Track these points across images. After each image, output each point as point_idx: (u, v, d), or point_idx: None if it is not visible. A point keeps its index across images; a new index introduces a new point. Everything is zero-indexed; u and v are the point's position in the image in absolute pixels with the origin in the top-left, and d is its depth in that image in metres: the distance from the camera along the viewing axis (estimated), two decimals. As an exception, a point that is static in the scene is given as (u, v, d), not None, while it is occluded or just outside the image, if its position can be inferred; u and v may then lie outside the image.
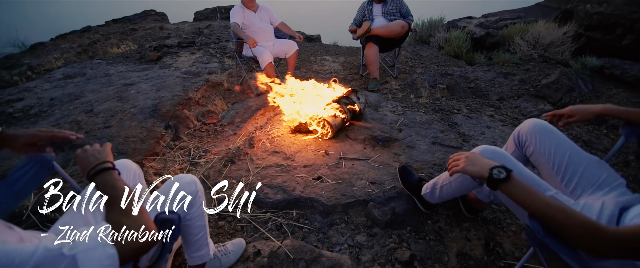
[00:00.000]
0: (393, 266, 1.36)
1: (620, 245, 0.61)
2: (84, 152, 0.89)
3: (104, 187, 0.79)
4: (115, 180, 0.81)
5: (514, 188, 0.81)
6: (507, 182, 0.82)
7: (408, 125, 2.38)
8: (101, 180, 0.81)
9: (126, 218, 0.72)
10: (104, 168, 0.84)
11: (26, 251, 0.62)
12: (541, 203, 0.73)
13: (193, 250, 1.24)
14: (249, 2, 3.38)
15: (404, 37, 3.73)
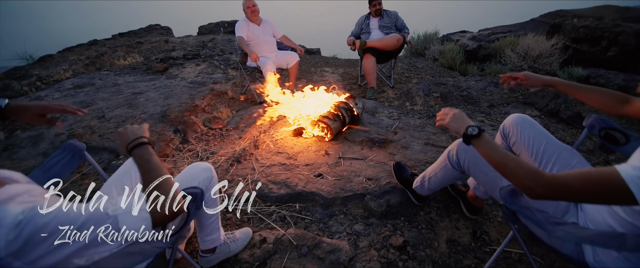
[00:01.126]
0: (388, 251, 1.49)
1: (551, 188, 0.76)
2: (125, 129, 1.01)
3: (139, 159, 0.92)
4: (150, 154, 0.94)
5: (482, 144, 0.95)
6: (478, 138, 0.96)
7: (403, 128, 2.54)
8: (138, 153, 0.94)
9: (158, 188, 0.85)
10: (141, 142, 0.95)
11: (79, 207, 0.75)
12: (501, 155, 0.87)
13: (206, 233, 1.37)
14: (253, 16, 3.59)
15: (400, 49, 3.94)
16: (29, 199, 0.77)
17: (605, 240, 0.75)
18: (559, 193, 0.75)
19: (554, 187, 0.75)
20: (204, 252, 1.43)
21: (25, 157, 2.45)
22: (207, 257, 1.43)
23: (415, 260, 1.45)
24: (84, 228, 0.72)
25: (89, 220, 0.73)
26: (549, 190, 0.76)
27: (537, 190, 0.78)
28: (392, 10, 4.11)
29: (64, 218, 0.71)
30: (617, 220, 0.87)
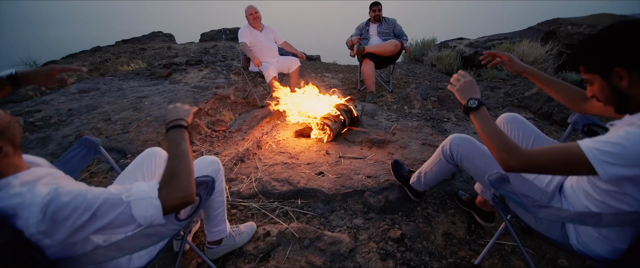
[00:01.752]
0: (386, 243, 1.56)
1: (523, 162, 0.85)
2: (174, 107, 1.08)
3: (172, 141, 0.95)
4: (182, 139, 0.96)
5: (479, 116, 1.02)
6: (477, 110, 1.04)
7: (401, 129, 2.62)
8: (173, 134, 0.98)
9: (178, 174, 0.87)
10: (179, 125, 1.00)
11: (97, 191, 0.81)
12: (491, 129, 0.96)
13: (213, 224, 1.44)
14: (255, 22, 3.71)
15: (398, 55, 4.04)
16: (52, 181, 0.82)
17: (583, 218, 0.83)
18: (531, 166, 0.85)
19: (526, 161, 0.85)
20: (210, 244, 1.49)
21: (35, 158, 2.52)
22: (214, 248, 1.49)
23: (412, 252, 1.51)
24: (100, 211, 0.77)
25: (104, 204, 0.78)
26: (520, 164, 0.86)
27: (511, 162, 0.87)
28: (390, 18, 4.23)
29: (81, 200, 0.76)
30: (593, 202, 0.95)
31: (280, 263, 1.47)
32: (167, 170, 0.88)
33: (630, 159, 0.76)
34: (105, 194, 0.79)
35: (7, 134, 0.79)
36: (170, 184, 0.85)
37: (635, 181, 0.82)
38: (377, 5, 4.07)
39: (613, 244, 0.94)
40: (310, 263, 1.46)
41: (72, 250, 0.83)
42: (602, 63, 0.85)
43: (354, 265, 1.44)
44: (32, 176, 0.80)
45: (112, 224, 0.79)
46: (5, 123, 0.79)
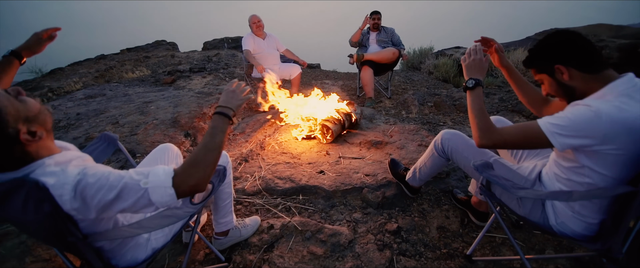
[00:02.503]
0: (383, 235, 1.65)
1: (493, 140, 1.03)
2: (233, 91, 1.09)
3: (211, 128, 0.98)
4: (221, 130, 0.98)
5: (471, 95, 1.17)
6: (472, 90, 1.18)
7: (399, 132, 2.72)
8: (216, 120, 1.00)
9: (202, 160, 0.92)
10: (224, 113, 1.01)
11: (120, 173, 0.88)
12: (477, 107, 1.11)
13: (220, 216, 1.53)
14: (258, 31, 3.85)
15: (395, 62, 4.19)
16: (81, 163, 0.90)
17: (557, 195, 0.97)
18: (500, 142, 1.02)
19: (497, 138, 1.03)
20: (217, 235, 1.58)
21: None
22: (221, 239, 1.58)
23: (408, 243, 1.60)
24: (122, 194, 0.84)
25: (125, 188, 0.85)
26: (491, 140, 1.03)
27: (482, 141, 1.05)
28: (389, 27, 4.38)
29: (105, 181, 0.83)
30: (562, 182, 1.08)
31: (284, 253, 1.55)
32: (192, 156, 0.93)
33: (575, 130, 0.92)
34: (126, 178, 0.86)
35: (40, 119, 0.86)
36: (188, 172, 0.90)
37: (585, 151, 0.96)
38: (376, 14, 4.23)
39: (585, 219, 1.04)
40: (311, 253, 1.55)
41: (100, 226, 0.92)
42: (546, 63, 1.06)
43: (352, 255, 1.53)
44: (64, 158, 0.88)
45: (134, 207, 0.86)
46: (36, 110, 0.87)
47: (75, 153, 0.96)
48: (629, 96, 0.93)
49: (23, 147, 0.81)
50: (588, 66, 1.00)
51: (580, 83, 1.02)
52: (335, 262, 1.50)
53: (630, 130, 0.89)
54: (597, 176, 0.98)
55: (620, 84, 0.96)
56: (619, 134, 0.89)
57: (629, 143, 0.90)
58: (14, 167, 0.81)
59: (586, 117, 0.91)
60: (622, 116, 0.89)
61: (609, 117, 0.89)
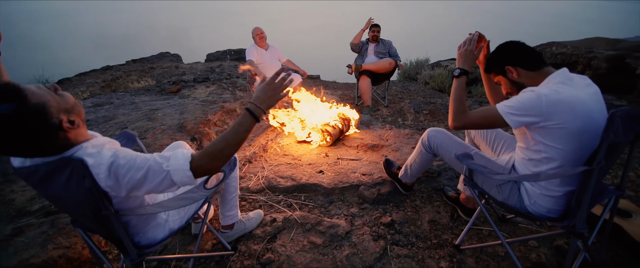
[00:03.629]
0: (378, 227, 1.77)
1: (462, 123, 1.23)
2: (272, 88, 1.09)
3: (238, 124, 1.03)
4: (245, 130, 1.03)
5: (456, 83, 1.35)
6: (458, 78, 1.37)
7: (394, 136, 2.87)
8: (244, 116, 1.04)
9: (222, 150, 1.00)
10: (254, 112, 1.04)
11: (146, 157, 1.01)
12: (457, 94, 1.31)
13: (227, 209, 1.66)
14: (261, 42, 4.05)
15: (392, 72, 4.37)
16: (113, 147, 1.02)
17: (526, 177, 1.12)
18: (468, 124, 1.22)
19: (464, 120, 1.24)
20: (224, 228, 1.71)
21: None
22: (227, 232, 1.71)
23: (401, 234, 1.73)
24: (148, 175, 0.97)
25: (150, 169, 0.97)
26: (461, 123, 1.24)
27: (455, 123, 1.26)
28: (387, 40, 4.59)
29: (133, 163, 0.96)
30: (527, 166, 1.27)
31: (286, 243, 1.68)
32: (212, 147, 1.01)
33: (523, 109, 1.14)
34: (150, 161, 0.98)
35: (76, 110, 0.99)
36: (206, 160, 1.01)
37: (536, 129, 1.16)
38: (376, 27, 4.44)
39: (550, 193, 1.21)
40: (311, 242, 1.67)
41: (129, 204, 1.06)
42: (499, 66, 1.30)
43: (349, 244, 1.65)
44: (98, 142, 1.02)
45: (159, 187, 0.99)
46: (73, 102, 1.01)
47: (107, 138, 1.10)
48: (563, 83, 1.15)
49: (65, 134, 0.94)
50: (530, 65, 1.24)
51: (527, 79, 1.25)
52: (334, 250, 1.62)
53: (565, 106, 1.09)
54: (551, 149, 1.16)
55: (556, 75, 1.20)
56: (557, 111, 1.10)
57: (567, 117, 1.10)
58: (57, 152, 0.95)
59: (530, 98, 1.13)
60: (558, 97, 1.10)
61: (547, 97, 1.10)
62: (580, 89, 1.16)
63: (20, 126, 0.84)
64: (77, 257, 1.61)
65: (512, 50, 1.30)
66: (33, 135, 0.87)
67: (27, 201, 2.18)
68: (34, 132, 0.87)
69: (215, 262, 1.61)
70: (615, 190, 1.34)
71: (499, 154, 1.57)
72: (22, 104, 0.84)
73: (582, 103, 1.11)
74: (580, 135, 1.11)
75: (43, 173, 0.92)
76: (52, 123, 0.90)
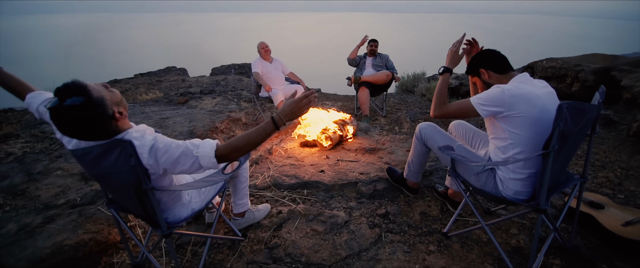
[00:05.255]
0: (374, 218, 1.95)
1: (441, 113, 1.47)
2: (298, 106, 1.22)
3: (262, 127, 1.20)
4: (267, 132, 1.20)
5: (441, 79, 1.60)
6: (442, 75, 1.62)
7: (390, 141, 3.08)
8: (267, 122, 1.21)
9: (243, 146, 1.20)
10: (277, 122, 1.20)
11: (179, 143, 1.21)
12: (439, 88, 1.55)
13: (239, 197, 1.85)
14: (266, 55, 4.33)
15: (389, 83, 4.63)
16: (153, 133, 1.24)
17: (497, 163, 1.33)
18: (446, 114, 1.48)
19: (443, 111, 1.49)
20: (235, 216, 1.89)
21: (79, 162, 2.96)
22: (238, 220, 1.89)
23: (394, 224, 1.91)
24: (180, 159, 1.17)
25: (182, 154, 1.18)
26: (440, 113, 1.49)
27: (435, 112, 1.51)
28: (384, 54, 4.87)
29: (169, 147, 1.17)
30: (496, 154, 1.47)
31: (291, 231, 1.86)
32: (235, 142, 1.21)
33: (490, 101, 1.37)
34: (183, 147, 1.19)
35: (123, 103, 1.22)
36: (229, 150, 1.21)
37: (501, 118, 1.39)
38: (374, 41, 4.73)
39: (518, 176, 1.40)
40: (314, 230, 1.85)
41: (162, 182, 1.26)
42: (475, 69, 1.55)
43: (348, 231, 1.84)
44: (140, 129, 1.24)
45: (190, 169, 1.20)
46: (120, 97, 1.23)
47: (146, 126, 1.31)
48: (523, 82, 1.41)
49: (116, 123, 1.17)
50: (499, 69, 1.50)
51: (496, 80, 1.51)
52: (334, 236, 1.81)
53: (523, 99, 1.34)
54: (513, 135, 1.39)
55: (519, 77, 1.46)
56: (517, 102, 1.34)
57: (524, 108, 1.34)
58: (109, 137, 1.16)
59: (496, 92, 1.38)
60: (518, 91, 1.35)
61: (510, 91, 1.35)
62: (537, 88, 1.42)
63: (86, 115, 1.07)
64: (104, 241, 1.79)
65: (486, 56, 1.55)
66: (94, 122, 1.09)
67: (52, 197, 2.38)
68: (95, 120, 1.09)
69: (227, 246, 1.79)
70: (579, 178, 1.54)
71: (477, 149, 1.78)
72: (88, 97, 1.06)
73: (537, 97, 1.35)
74: (536, 123, 1.34)
75: (96, 154, 1.13)
76: (108, 113, 1.12)
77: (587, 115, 1.29)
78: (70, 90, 1.05)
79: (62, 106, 1.03)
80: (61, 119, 1.06)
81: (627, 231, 1.69)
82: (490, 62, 1.52)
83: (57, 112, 1.04)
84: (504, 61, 1.51)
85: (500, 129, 1.43)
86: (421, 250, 1.71)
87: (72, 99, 1.04)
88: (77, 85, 1.07)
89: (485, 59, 1.54)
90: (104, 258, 1.75)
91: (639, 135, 3.26)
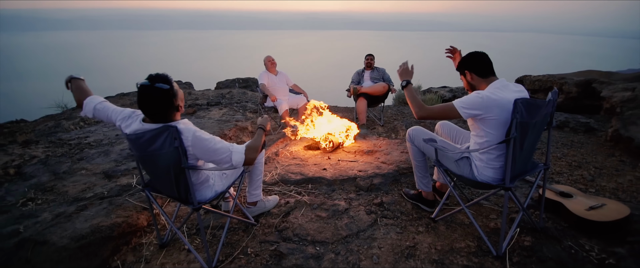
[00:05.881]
0: (371, 206, 2.21)
1: (424, 114, 1.67)
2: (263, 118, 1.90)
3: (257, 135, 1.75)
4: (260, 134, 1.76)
5: (407, 91, 1.85)
6: (406, 87, 1.88)
7: (386, 144, 3.36)
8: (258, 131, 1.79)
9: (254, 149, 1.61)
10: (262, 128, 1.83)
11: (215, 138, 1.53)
12: (411, 96, 1.79)
13: (253, 188, 2.12)
14: (272, 68, 4.67)
15: (386, 95, 4.96)
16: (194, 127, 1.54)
17: (470, 150, 1.59)
18: (430, 115, 1.68)
19: (426, 111, 1.70)
20: (249, 204, 2.15)
21: (100, 163, 3.23)
22: (251, 208, 2.15)
23: (389, 211, 2.17)
24: (216, 150, 1.49)
25: (222, 146, 1.51)
26: (424, 113, 1.70)
27: (418, 113, 1.72)
28: (381, 67, 5.22)
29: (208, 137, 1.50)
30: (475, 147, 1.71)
31: (297, 217, 2.11)
32: (249, 144, 1.64)
33: (470, 105, 1.60)
34: (221, 142, 1.54)
35: (183, 100, 1.55)
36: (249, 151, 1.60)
37: (479, 120, 1.64)
38: (370, 55, 5.10)
39: (490, 164, 1.66)
40: (318, 216, 2.11)
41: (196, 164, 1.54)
42: (462, 69, 1.80)
43: (347, 217, 2.09)
44: (186, 122, 1.53)
45: (220, 162, 1.53)
46: (183, 94, 1.56)
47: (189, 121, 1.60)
48: (499, 89, 1.64)
49: (176, 113, 1.51)
50: (481, 73, 1.73)
51: (477, 82, 1.75)
52: (335, 220, 2.06)
53: (497, 104, 1.58)
54: (488, 134, 1.65)
55: (495, 83, 1.68)
56: (492, 107, 1.58)
57: (497, 112, 1.58)
58: (165, 121, 1.46)
59: (476, 98, 1.61)
60: (493, 97, 1.59)
61: (487, 97, 1.59)
62: (511, 92, 1.65)
63: (164, 99, 1.42)
64: (134, 223, 2.04)
65: (472, 59, 1.76)
66: (166, 106, 1.45)
67: (79, 192, 2.64)
68: (167, 105, 1.45)
69: (242, 229, 2.04)
70: (543, 166, 1.82)
71: (461, 145, 2.06)
72: (171, 86, 1.42)
73: (508, 102, 1.57)
74: (506, 123, 1.59)
75: (148, 137, 1.42)
76: (176, 104, 1.48)
77: (541, 109, 1.58)
78: (160, 78, 1.43)
79: (152, 87, 1.39)
80: (147, 95, 1.41)
81: (590, 214, 1.95)
82: (474, 66, 1.75)
83: (146, 89, 1.40)
84: (486, 67, 1.72)
85: (479, 128, 1.69)
86: (411, 231, 1.96)
87: (161, 84, 1.40)
88: (166, 76, 1.45)
89: (472, 62, 1.76)
90: (133, 239, 1.99)
91: (614, 139, 3.55)
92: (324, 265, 1.69)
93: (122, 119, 1.57)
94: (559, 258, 1.69)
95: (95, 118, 1.68)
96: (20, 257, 1.76)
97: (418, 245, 1.82)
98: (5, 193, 2.74)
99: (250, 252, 1.83)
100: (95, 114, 1.65)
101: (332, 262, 1.72)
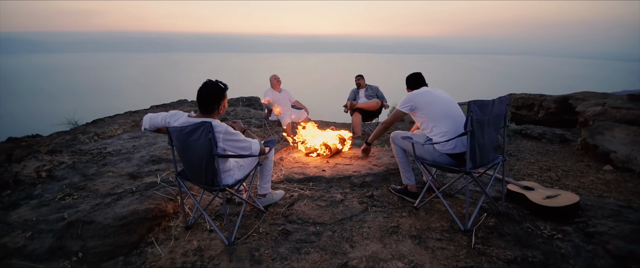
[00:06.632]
0: (363, 198, 2.59)
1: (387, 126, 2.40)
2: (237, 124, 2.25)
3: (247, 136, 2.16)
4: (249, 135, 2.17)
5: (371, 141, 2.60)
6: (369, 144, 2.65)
7: (378, 151, 3.77)
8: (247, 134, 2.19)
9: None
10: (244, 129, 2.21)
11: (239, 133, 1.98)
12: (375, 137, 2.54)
13: (264, 181, 2.51)
14: (276, 86, 5.15)
15: (379, 110, 5.43)
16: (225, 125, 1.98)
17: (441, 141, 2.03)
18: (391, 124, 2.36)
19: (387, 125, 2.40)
20: (259, 195, 2.54)
21: (124, 167, 3.62)
22: (261, 199, 2.53)
23: (378, 201, 2.55)
24: (241, 144, 1.94)
25: (244, 139, 1.96)
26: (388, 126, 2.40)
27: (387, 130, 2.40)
28: (374, 85, 5.72)
29: (237, 134, 1.94)
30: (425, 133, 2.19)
31: (301, 206, 2.49)
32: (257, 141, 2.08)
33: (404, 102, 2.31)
34: (244, 139, 1.98)
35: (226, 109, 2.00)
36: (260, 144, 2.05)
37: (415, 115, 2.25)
38: (360, 76, 5.62)
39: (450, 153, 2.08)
40: (318, 205, 2.49)
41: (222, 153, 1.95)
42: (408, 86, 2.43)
43: (342, 205, 2.47)
44: (218, 121, 1.96)
45: (244, 149, 1.97)
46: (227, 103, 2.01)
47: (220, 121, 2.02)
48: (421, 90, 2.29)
49: (218, 111, 1.95)
50: (412, 86, 2.40)
51: None
52: (333, 208, 2.44)
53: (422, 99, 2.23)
54: (428, 124, 2.21)
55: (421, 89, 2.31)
56: (419, 102, 2.20)
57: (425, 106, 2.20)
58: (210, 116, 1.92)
59: (408, 97, 2.26)
60: (417, 93, 2.25)
61: (414, 96, 2.25)
62: (434, 91, 2.28)
63: (219, 95, 1.92)
64: (163, 210, 2.42)
65: (408, 78, 2.55)
66: (216, 101, 1.94)
67: (109, 189, 3.02)
68: (217, 101, 1.94)
69: (254, 216, 2.42)
70: (500, 158, 2.23)
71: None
72: (226, 88, 1.94)
73: (433, 97, 2.21)
74: (444, 117, 2.14)
75: (189, 130, 1.84)
76: (222, 104, 1.95)
77: (492, 107, 2.00)
78: (221, 82, 1.96)
79: (216, 82, 1.93)
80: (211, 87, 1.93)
81: (547, 202, 2.33)
82: (409, 82, 2.54)
83: (212, 83, 1.93)
84: (416, 82, 2.49)
85: (420, 118, 2.28)
86: (396, 216, 2.34)
87: (223, 83, 1.94)
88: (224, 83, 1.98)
89: (408, 80, 2.55)
90: (163, 222, 2.37)
91: (583, 147, 3.97)
92: (323, 239, 2.06)
93: (170, 116, 2.02)
94: (516, 234, 2.06)
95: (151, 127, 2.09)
96: (71, 233, 2.13)
97: (401, 226, 2.20)
98: (43, 192, 3.11)
99: (261, 231, 2.20)
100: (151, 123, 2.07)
101: (330, 237, 2.09)
